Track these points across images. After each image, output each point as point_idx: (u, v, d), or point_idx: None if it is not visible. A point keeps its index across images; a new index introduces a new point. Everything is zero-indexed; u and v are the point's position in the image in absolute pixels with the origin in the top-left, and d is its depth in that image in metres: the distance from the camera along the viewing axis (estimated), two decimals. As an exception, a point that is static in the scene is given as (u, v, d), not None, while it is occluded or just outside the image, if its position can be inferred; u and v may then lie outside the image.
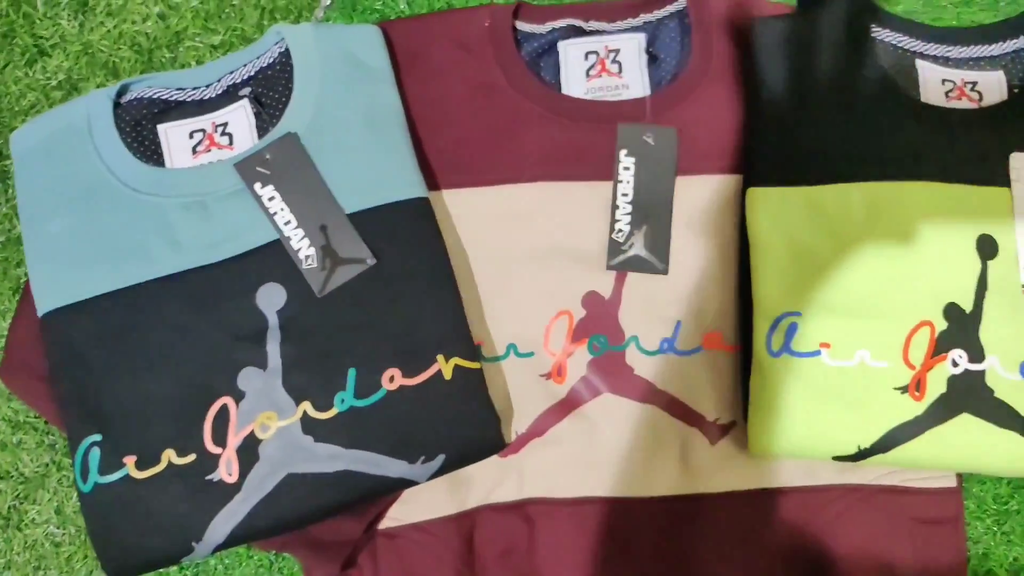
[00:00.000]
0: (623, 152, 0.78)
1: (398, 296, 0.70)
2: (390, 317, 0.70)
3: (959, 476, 0.75)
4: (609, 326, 0.75)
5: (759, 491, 0.74)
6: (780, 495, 0.74)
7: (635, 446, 0.74)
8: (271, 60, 0.77)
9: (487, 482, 0.74)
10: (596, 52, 0.81)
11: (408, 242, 0.72)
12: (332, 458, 0.68)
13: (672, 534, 0.73)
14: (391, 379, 0.69)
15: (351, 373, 0.69)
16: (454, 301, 0.72)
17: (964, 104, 0.78)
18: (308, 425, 0.68)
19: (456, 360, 0.70)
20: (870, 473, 0.74)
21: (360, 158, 0.73)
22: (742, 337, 0.75)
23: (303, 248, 0.70)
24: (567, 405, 0.75)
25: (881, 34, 0.78)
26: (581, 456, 0.74)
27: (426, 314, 0.71)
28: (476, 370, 0.71)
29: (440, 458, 0.69)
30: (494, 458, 0.73)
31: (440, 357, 0.70)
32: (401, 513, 0.75)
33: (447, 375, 0.70)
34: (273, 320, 0.69)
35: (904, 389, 0.70)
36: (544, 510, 0.74)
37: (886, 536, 0.72)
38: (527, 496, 0.74)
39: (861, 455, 0.70)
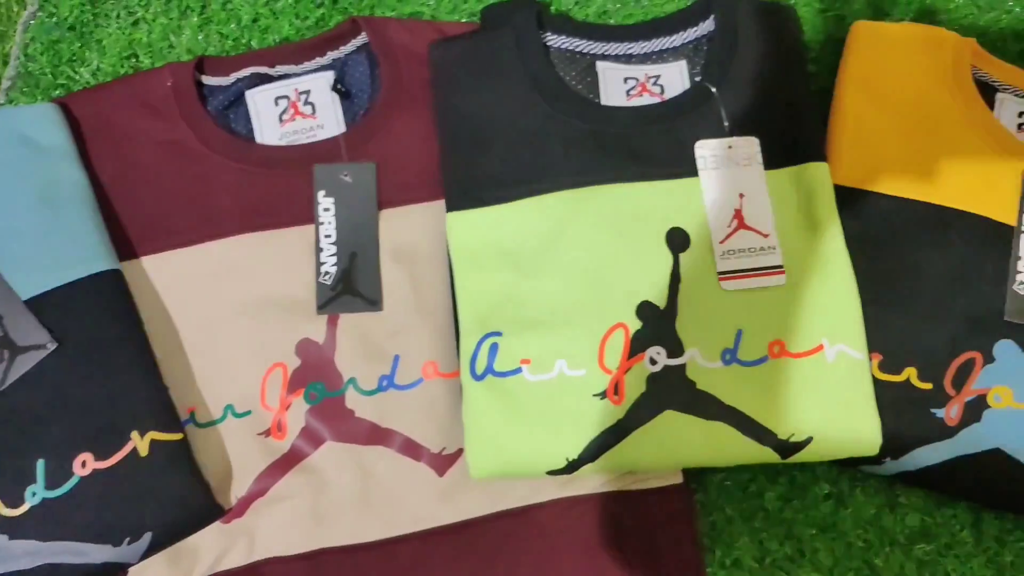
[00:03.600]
0: (321, 193, 0.77)
1: (87, 377, 0.69)
2: (80, 400, 0.68)
3: (685, 472, 0.74)
4: (326, 372, 0.74)
5: (491, 516, 0.73)
6: (509, 517, 0.73)
7: (364, 490, 0.73)
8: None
9: (214, 550, 0.72)
10: (287, 96, 0.80)
11: (97, 318, 0.70)
12: (30, 554, 0.66)
13: (413, 572, 0.72)
14: (83, 464, 0.67)
15: (39, 465, 0.67)
16: (149, 374, 0.70)
17: (646, 100, 0.78)
18: (1, 524, 0.66)
19: (153, 435, 0.68)
20: (594, 481, 0.73)
21: (37, 240, 0.71)
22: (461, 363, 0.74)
23: (-24, 343, 0.68)
24: (289, 460, 0.73)
25: (557, 42, 0.78)
26: (312, 509, 0.73)
27: (118, 391, 0.69)
28: (177, 441, 0.69)
29: (147, 536, 0.67)
30: (217, 525, 0.71)
31: (135, 434, 0.68)
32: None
33: (143, 452, 0.68)
34: (-44, 418, 0.67)
35: (603, 395, 0.69)
36: (279, 569, 0.72)
37: (613, 543, 0.72)
38: (260, 558, 0.72)
39: (572, 467, 0.69)
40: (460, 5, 0.83)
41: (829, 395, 0.70)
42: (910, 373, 0.73)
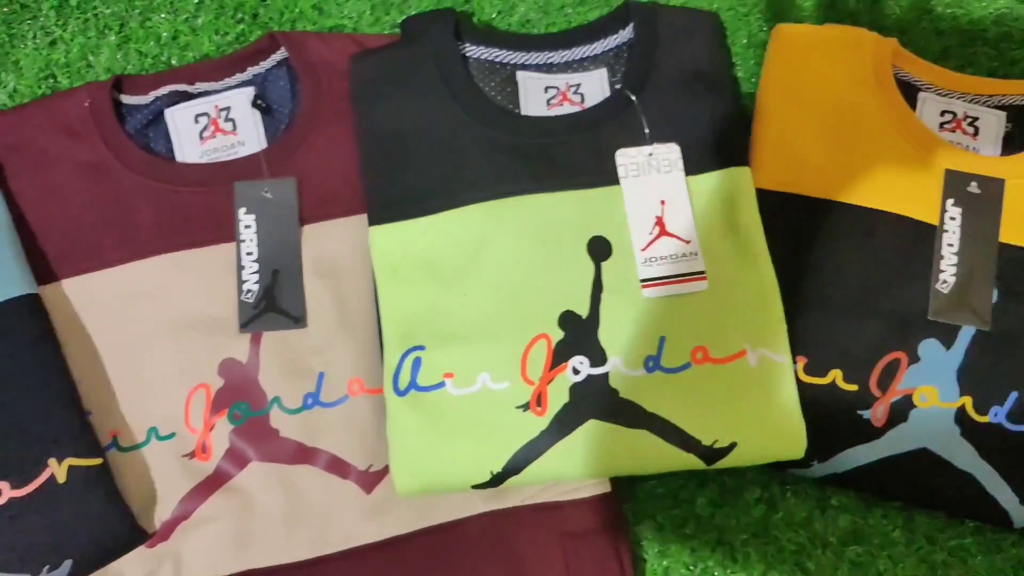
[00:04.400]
0: (242, 211, 0.76)
1: (2, 404, 0.68)
2: (-5, 429, 0.67)
3: (612, 480, 0.74)
4: (250, 391, 0.73)
5: (419, 532, 0.72)
6: (437, 532, 0.72)
7: (291, 510, 0.72)
8: None
9: (139, 575, 0.71)
10: (206, 113, 0.79)
11: (13, 344, 0.69)
12: (-54, 587, 0.65)
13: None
14: (-1, 494, 0.66)
15: (-46, 495, 0.66)
16: (67, 399, 0.69)
17: (567, 108, 0.77)
18: None
19: (71, 461, 0.67)
20: (521, 493, 0.72)
21: (-53, 268, 0.70)
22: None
23: None
24: (214, 482, 0.72)
25: (476, 52, 0.78)
26: (238, 531, 0.72)
27: (35, 418, 0.68)
28: (97, 466, 0.68)
29: (67, 564, 0.66)
30: (142, 549, 0.70)
31: (52, 461, 0.67)
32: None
33: (61, 478, 0.67)
34: None
35: (525, 407, 0.69)
36: (206, 592, 0.71)
37: (540, 554, 0.71)
38: (186, 581, 0.71)
39: (497, 480, 0.69)
40: (382, 17, 0.83)
41: (752, 400, 0.70)
42: (835, 375, 0.73)
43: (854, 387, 0.73)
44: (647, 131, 0.75)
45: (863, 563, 0.75)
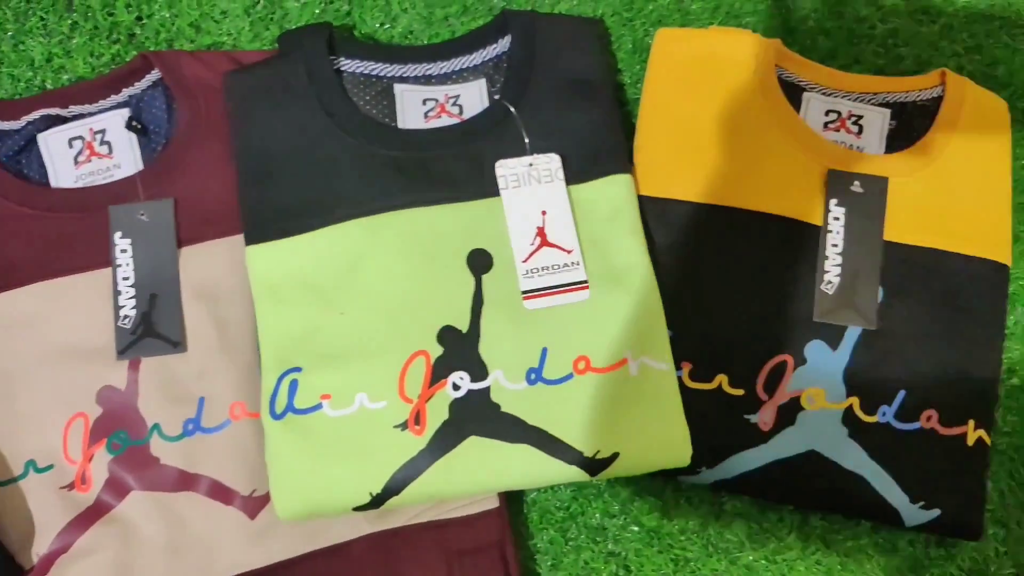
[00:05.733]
0: (118, 235, 0.74)
1: None
2: None
3: (502, 495, 0.73)
4: (129, 419, 0.72)
5: (305, 556, 0.71)
6: (323, 555, 0.71)
7: (174, 539, 0.71)
8: None
9: (16, 613, 0.69)
10: (81, 137, 0.78)
11: None
12: None
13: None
14: None
15: None
16: None
17: (445, 121, 0.77)
18: None
19: None
20: (407, 512, 0.71)
21: None
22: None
23: None
24: (94, 513, 0.71)
25: (351, 66, 0.77)
26: (119, 562, 0.70)
27: None
28: None
29: None
30: (18, 587, 0.69)
31: None
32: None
33: (-75, 518, 0.65)
34: None
35: (404, 426, 0.68)
36: (86, 626, 0.70)
37: (426, 574, 0.70)
38: (66, 616, 0.70)
39: (377, 501, 0.68)
40: (262, 33, 0.81)
41: (634, 409, 0.69)
42: (721, 380, 0.73)
43: (740, 391, 0.73)
44: (527, 141, 0.74)
45: (758, 568, 0.75)
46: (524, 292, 0.71)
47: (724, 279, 0.74)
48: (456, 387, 0.69)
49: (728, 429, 0.72)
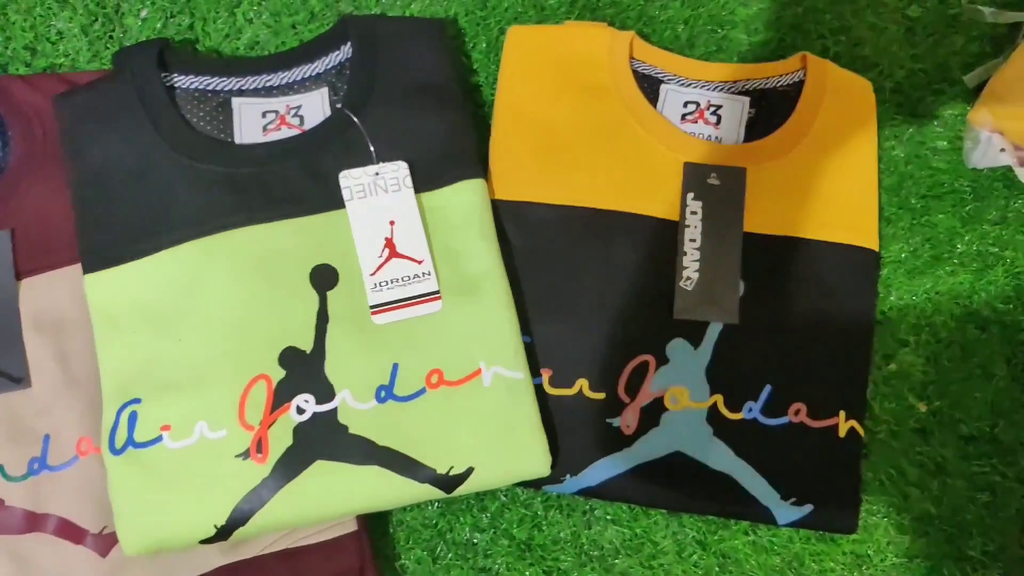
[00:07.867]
0: (-48, 270, 0.71)
1: None
2: None
3: (361, 518, 0.71)
4: (-30, 463, 0.69)
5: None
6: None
7: (20, 582, 0.68)
8: None
9: None
10: (-88, 169, 0.74)
11: None
12: None
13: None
14: None
15: None
16: None
17: (285, 133, 0.74)
18: None
19: None
20: (261, 542, 0.69)
21: None
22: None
23: None
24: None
25: (185, 82, 0.74)
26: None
27: None
28: None
29: None
30: None
31: None
32: None
33: None
34: None
35: (245, 454, 0.66)
36: None
37: (281, 607, 0.68)
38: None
39: (223, 533, 0.65)
40: (101, 52, 0.78)
41: (487, 421, 0.67)
42: (582, 384, 0.71)
43: (601, 395, 0.71)
44: (372, 150, 0.72)
45: (634, 574, 0.73)
46: (372, 306, 0.69)
47: (582, 281, 0.72)
48: (300, 411, 0.67)
49: (591, 435, 0.71)
